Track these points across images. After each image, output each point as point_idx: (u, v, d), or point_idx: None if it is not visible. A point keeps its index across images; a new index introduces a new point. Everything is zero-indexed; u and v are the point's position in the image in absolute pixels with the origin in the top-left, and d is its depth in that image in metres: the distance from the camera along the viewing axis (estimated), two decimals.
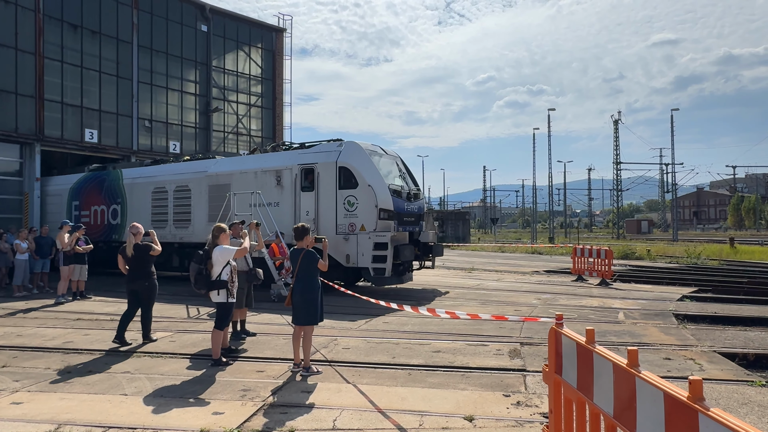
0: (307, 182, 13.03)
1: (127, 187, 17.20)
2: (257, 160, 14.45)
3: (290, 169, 13.37)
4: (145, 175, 16.92)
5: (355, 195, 12.28)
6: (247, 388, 5.48)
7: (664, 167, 58.08)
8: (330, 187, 12.63)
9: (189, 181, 15.56)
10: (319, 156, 13.04)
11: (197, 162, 16.12)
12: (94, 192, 18.18)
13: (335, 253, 12.16)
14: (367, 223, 12.07)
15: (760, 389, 5.35)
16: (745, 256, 25.86)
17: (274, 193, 13.57)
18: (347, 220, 12.34)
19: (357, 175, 12.31)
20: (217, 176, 14.87)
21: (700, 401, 2.08)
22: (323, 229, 12.59)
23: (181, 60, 27.84)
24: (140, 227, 7.96)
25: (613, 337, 7.71)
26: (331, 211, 12.57)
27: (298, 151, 13.76)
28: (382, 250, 11.75)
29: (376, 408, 4.85)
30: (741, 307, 10.65)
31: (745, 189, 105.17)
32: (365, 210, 12.13)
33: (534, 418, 4.58)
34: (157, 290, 7.99)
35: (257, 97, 32.29)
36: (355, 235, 12.13)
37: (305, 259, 6.08)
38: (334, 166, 12.62)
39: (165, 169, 16.72)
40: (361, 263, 12.04)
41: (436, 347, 7.15)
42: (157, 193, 16.29)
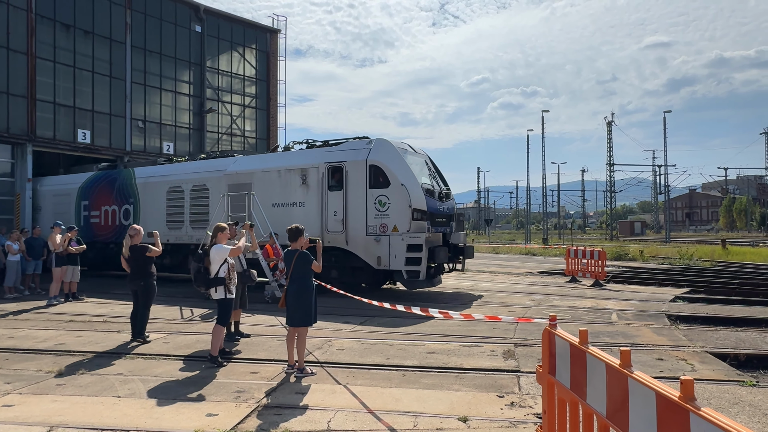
0: (334, 181, 12.52)
1: (140, 187, 16.63)
2: (280, 159, 13.97)
3: (316, 168, 12.83)
4: (160, 174, 16.38)
5: (386, 194, 11.78)
6: (241, 389, 5.47)
7: (656, 169, 58.54)
8: (359, 186, 12.11)
9: (207, 180, 15.00)
10: (348, 154, 12.51)
11: (215, 160, 15.60)
12: (104, 192, 17.63)
13: (365, 255, 11.87)
14: (399, 224, 11.61)
15: (751, 389, 5.40)
16: (737, 257, 26.06)
17: (299, 193, 13.11)
18: (378, 220, 11.85)
19: (389, 173, 11.80)
20: (237, 175, 14.32)
21: (692, 401, 2.10)
22: (352, 230, 12.18)
23: (174, 60, 27.75)
24: (139, 228, 8.15)
25: (607, 338, 7.75)
26: (361, 212, 12.05)
27: (325, 149, 13.23)
28: (416, 252, 11.30)
29: (370, 409, 4.85)
30: (732, 307, 10.74)
31: (736, 190, 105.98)
32: (398, 210, 11.66)
33: (528, 419, 4.60)
34: (154, 291, 8.06)
35: (251, 98, 32.23)
36: (387, 237, 11.67)
37: (299, 261, 6.08)
38: (364, 164, 12.10)
39: (180, 168, 16.15)
40: (393, 266, 11.58)
41: (430, 348, 7.16)
42: (172, 192, 15.73)
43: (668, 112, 51.41)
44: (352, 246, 12.10)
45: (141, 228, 8.21)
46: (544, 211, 59.14)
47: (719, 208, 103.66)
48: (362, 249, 11.94)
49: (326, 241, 12.32)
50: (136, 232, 8.05)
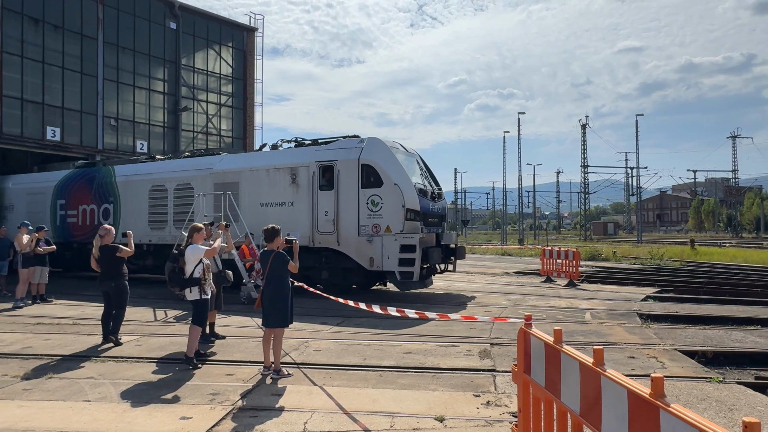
0: (324, 180, 12.26)
1: (120, 185, 16.03)
2: (269, 157, 13.66)
3: (307, 167, 12.55)
4: (142, 173, 15.84)
5: (379, 194, 11.60)
6: (216, 391, 5.39)
7: (629, 171, 59.79)
8: (351, 185, 11.90)
9: (192, 179, 14.52)
10: (339, 153, 12.27)
11: (200, 158, 15.20)
12: (82, 190, 16.93)
13: (357, 255, 11.68)
14: (393, 224, 11.44)
15: (718, 385, 5.56)
16: (705, 257, 26.80)
17: (288, 192, 12.82)
18: (371, 220, 11.65)
19: (382, 173, 11.63)
20: (224, 174, 13.95)
21: (662, 398, 2.15)
22: (344, 231, 11.98)
23: (149, 57, 27.25)
24: (110, 228, 8.02)
25: (581, 337, 7.88)
26: (353, 212, 11.84)
27: (315, 148, 12.92)
28: (409, 253, 11.13)
29: (346, 410, 4.83)
30: (701, 306, 11.03)
31: (704, 192, 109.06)
32: (391, 210, 11.48)
33: (503, 418, 4.65)
34: (127, 292, 7.95)
35: (227, 97, 31.85)
36: (380, 237, 11.47)
37: (275, 261, 6.03)
38: (356, 163, 11.89)
39: (164, 166, 15.66)
40: (386, 266, 11.39)
41: (407, 348, 7.17)
42: (155, 191, 15.21)
43: (640, 116, 52.65)
44: (344, 247, 11.92)
45: (112, 228, 8.10)
46: (519, 212, 59.89)
47: (689, 210, 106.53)
48: (354, 250, 11.75)
49: (317, 241, 12.18)
50: (106, 231, 7.92)
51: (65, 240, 16.90)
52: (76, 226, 16.88)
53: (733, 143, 70.07)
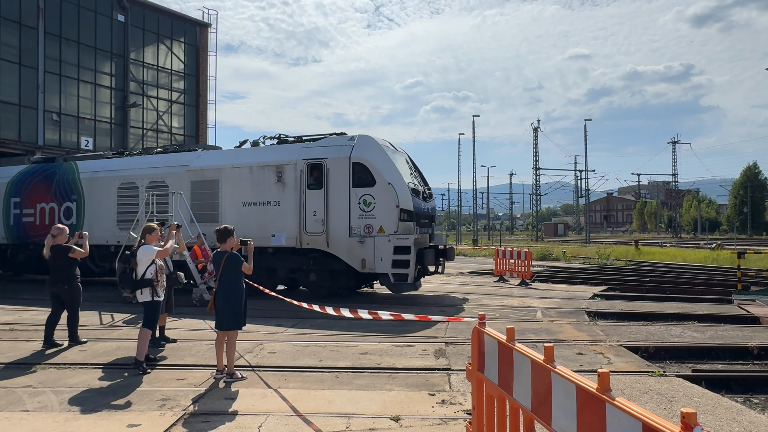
0: (313, 179, 11.77)
1: (84, 182, 14.86)
2: (252, 154, 12.94)
3: (294, 165, 11.98)
4: (109, 169, 14.75)
5: (372, 194, 11.20)
6: (166, 397, 5.22)
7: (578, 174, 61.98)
8: (342, 184, 11.45)
9: (166, 176, 13.59)
10: (329, 150, 11.79)
11: (175, 155, 14.30)
12: (40, 188, 15.62)
13: (348, 257, 11.30)
14: (386, 225, 11.07)
15: (659, 378, 5.84)
16: (648, 256, 28.11)
17: (273, 191, 12.17)
18: (363, 221, 11.25)
19: (374, 171, 11.23)
20: (203, 171, 13.13)
21: (607, 392, 2.24)
22: (334, 231, 11.47)
23: (94, 50, 26.15)
24: (63, 228, 7.75)
25: (532, 335, 8.10)
26: (344, 212, 11.40)
27: (302, 145, 12.36)
28: (404, 254, 10.83)
29: (302, 412, 4.79)
30: (644, 303, 11.56)
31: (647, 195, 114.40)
32: (384, 210, 11.11)
33: (458, 416, 4.72)
34: (80, 293, 7.68)
35: (179, 94, 30.96)
36: (373, 238, 11.09)
37: (228, 262, 5.91)
38: (347, 161, 11.43)
39: (134, 162, 14.64)
40: (379, 268, 11.02)
41: (363, 349, 7.18)
42: (125, 189, 14.18)
43: (589, 120, 54.72)
44: (334, 248, 11.49)
45: (65, 228, 7.82)
46: (474, 213, 61.01)
47: (633, 211, 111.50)
48: (345, 251, 11.35)
49: (305, 242, 11.75)
50: (59, 231, 7.66)
51: (20, 241, 15.70)
52: (32, 226, 15.56)
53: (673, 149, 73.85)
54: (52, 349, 7.22)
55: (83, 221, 14.69)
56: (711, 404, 5.01)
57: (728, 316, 9.96)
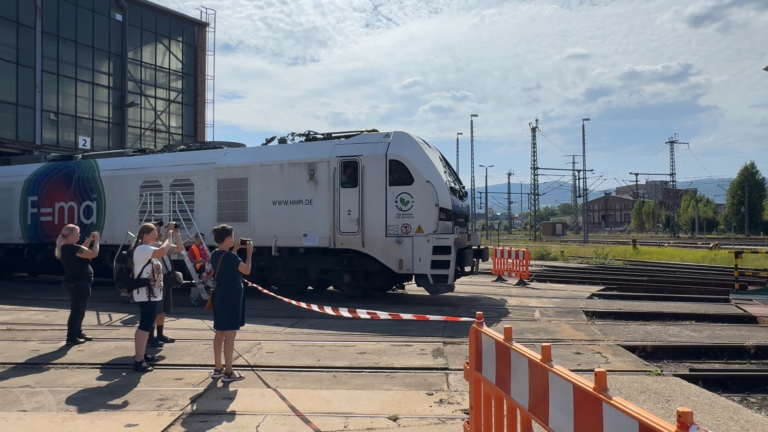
0: (347, 177, 11.44)
1: (105, 181, 14.43)
2: (282, 151, 12.56)
3: (327, 162, 11.62)
4: (131, 167, 14.35)
5: (410, 192, 10.89)
6: (164, 397, 5.22)
7: (576, 173, 62.06)
8: (378, 183, 11.13)
9: (191, 174, 13.24)
10: (364, 147, 11.45)
11: (201, 152, 13.88)
12: (59, 186, 15.17)
13: (384, 258, 11.02)
14: (425, 224, 10.77)
15: (656, 378, 5.85)
16: (645, 256, 28.15)
17: (305, 190, 11.83)
18: (400, 220, 10.93)
19: (412, 169, 10.92)
20: (230, 169, 12.79)
21: (604, 391, 2.24)
22: (370, 231, 11.19)
23: (92, 50, 26.10)
24: (74, 228, 7.87)
25: (530, 335, 8.11)
26: (380, 211, 11.07)
27: (335, 142, 12.02)
28: (443, 255, 10.55)
29: (300, 412, 4.79)
30: (641, 303, 11.58)
31: (645, 195, 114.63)
32: (423, 209, 10.81)
33: (456, 415, 4.72)
34: (85, 294, 7.72)
35: (177, 93, 30.93)
36: (410, 238, 10.79)
37: (225, 262, 5.91)
38: (383, 159, 11.12)
39: (157, 160, 14.24)
40: (417, 269, 10.72)
41: (361, 348, 7.18)
42: (147, 188, 13.69)
43: (587, 120, 54.77)
44: (369, 248, 11.17)
45: (76, 227, 7.94)
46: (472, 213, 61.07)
47: (631, 211, 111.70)
48: (381, 251, 11.04)
49: (338, 242, 11.45)
50: (69, 231, 7.76)
51: (37, 241, 15.29)
52: (51, 225, 15.00)
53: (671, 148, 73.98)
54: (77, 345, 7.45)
55: (104, 220, 14.31)
56: (708, 403, 5.03)
57: (725, 316, 9.99)
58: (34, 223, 15.47)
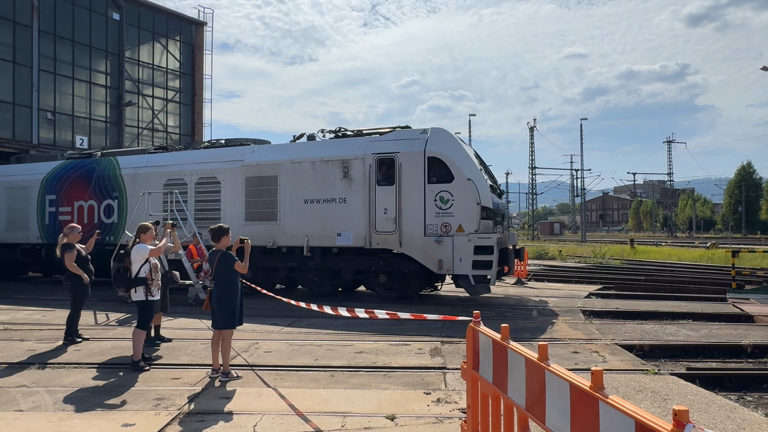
0: (383, 175, 11.12)
1: (127, 179, 14.11)
2: (314, 148, 12.22)
3: (362, 159, 11.32)
4: (154, 165, 14.04)
5: (450, 190, 10.60)
6: (161, 396, 5.21)
7: (574, 173, 62.10)
8: (416, 180, 10.84)
9: (218, 172, 12.95)
10: (401, 144, 11.16)
11: (227, 149, 13.55)
12: (78, 184, 14.83)
13: (423, 258, 10.74)
14: (466, 223, 10.45)
15: (654, 377, 5.86)
16: (643, 255, 28.20)
17: (339, 188, 11.52)
18: (440, 219, 10.63)
19: (452, 166, 10.64)
20: (259, 166, 12.45)
21: (601, 390, 2.25)
22: (408, 230, 10.89)
23: (89, 49, 26.03)
24: (75, 227, 7.91)
25: (527, 334, 8.12)
26: (418, 209, 10.79)
27: (370, 138, 11.69)
28: (485, 255, 10.24)
29: (297, 411, 4.79)
30: (639, 302, 11.60)
31: (643, 194, 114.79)
32: (464, 208, 10.50)
33: (453, 414, 4.73)
34: (81, 293, 7.70)
35: (175, 92, 30.87)
36: (451, 237, 10.50)
37: (221, 262, 5.90)
38: (421, 156, 10.84)
39: (181, 158, 13.93)
40: (458, 270, 10.42)
41: (359, 348, 7.18)
42: (171, 185, 13.38)
43: (584, 120, 54.85)
44: (407, 248, 10.89)
45: (77, 226, 7.97)
46: None
47: (629, 210, 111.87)
48: (419, 251, 10.76)
49: (374, 242, 11.16)
50: (70, 230, 7.81)
51: (55, 240, 15.15)
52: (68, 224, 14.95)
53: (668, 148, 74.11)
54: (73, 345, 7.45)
55: (125, 219, 13.87)
56: (705, 402, 5.04)
57: (723, 315, 10.01)
58: (53, 222, 15.14)
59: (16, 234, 15.65)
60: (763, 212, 69.80)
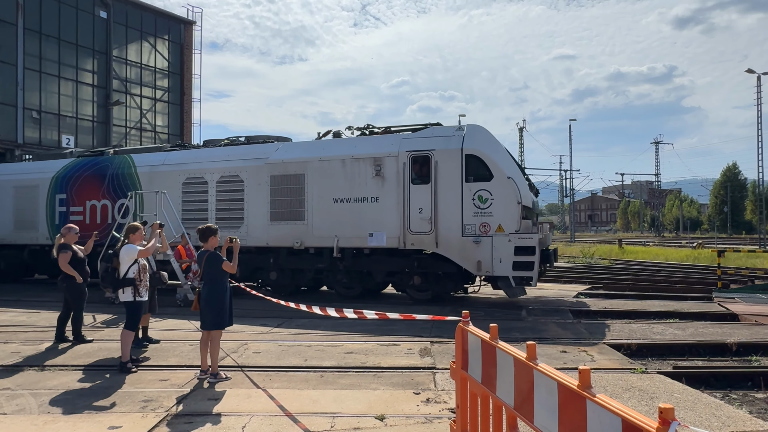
0: (417, 173, 10.81)
1: (143, 177, 13.58)
2: (343, 146, 11.82)
3: (395, 157, 10.97)
4: (171, 163, 13.53)
5: (488, 189, 10.31)
6: (149, 398, 5.16)
7: (563, 173, 62.52)
8: (453, 179, 10.51)
9: (242, 170, 12.48)
10: (436, 141, 10.83)
11: (250, 147, 13.08)
12: (90, 183, 14.26)
13: (461, 259, 10.45)
14: (505, 223, 10.18)
15: (641, 375, 5.91)
16: (631, 255, 28.47)
17: (371, 186, 11.15)
18: (478, 219, 10.33)
19: (491, 165, 10.35)
20: (285, 164, 12.02)
21: (588, 389, 2.26)
22: (444, 230, 10.56)
23: (76, 47, 25.75)
24: (71, 227, 7.79)
25: (517, 333, 8.15)
26: (455, 209, 10.47)
27: (402, 136, 11.38)
28: (527, 255, 9.98)
29: (286, 412, 4.77)
30: (627, 302, 11.71)
31: (631, 194, 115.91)
32: (503, 207, 10.22)
33: (442, 414, 4.73)
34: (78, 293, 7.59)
35: (163, 92, 30.64)
36: (490, 238, 10.21)
37: (208, 262, 5.86)
38: (458, 153, 10.52)
39: (201, 155, 13.41)
40: (497, 271, 10.18)
41: (348, 348, 7.17)
42: (191, 185, 12.98)
43: (573, 120, 55.18)
44: (444, 248, 10.58)
45: (75, 227, 7.85)
46: None
47: (617, 211, 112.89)
48: (457, 252, 10.46)
49: (408, 242, 10.84)
50: (68, 231, 7.70)
51: None
52: (82, 224, 13.49)
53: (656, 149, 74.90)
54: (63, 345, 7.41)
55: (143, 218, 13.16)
56: (691, 400, 5.09)
57: (708, 314, 10.13)
58: (63, 221, 14.19)
59: (24, 234, 15.17)
60: (748, 212, 70.76)
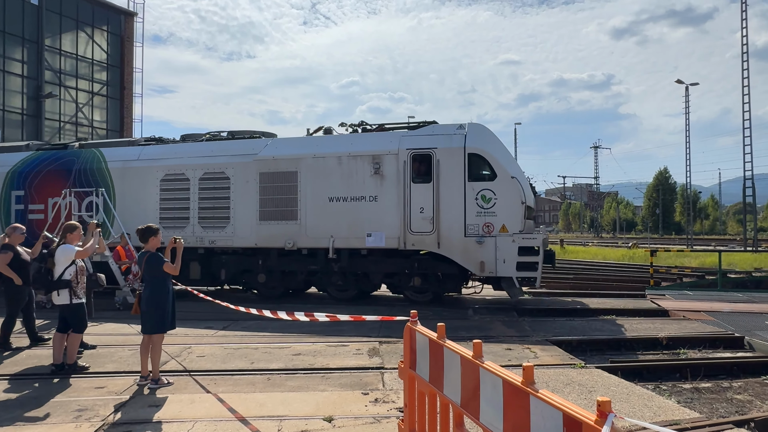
0: (417, 172, 10.58)
1: (115, 173, 12.62)
2: (340, 142, 11.39)
3: (395, 155, 10.69)
4: (148, 158, 12.58)
5: (492, 188, 10.16)
6: (83, 407, 4.90)
7: None
8: (455, 178, 10.33)
9: (227, 167, 11.82)
10: (438, 139, 10.59)
11: (237, 142, 12.34)
12: (52, 179, 13.09)
13: (463, 259, 10.26)
14: (509, 223, 10.07)
15: (581, 370, 6.16)
16: (572, 255, 29.62)
17: (369, 185, 10.81)
18: (481, 219, 10.17)
19: (495, 164, 10.21)
20: (276, 161, 11.51)
21: (531, 385, 2.33)
22: (446, 231, 10.34)
23: (3, 35, 24.13)
24: (17, 227, 7.38)
25: (464, 332, 8.31)
26: (458, 208, 10.28)
27: (402, 133, 11.08)
28: (531, 256, 9.92)
29: (232, 417, 4.65)
30: (568, 300, 12.17)
31: (572, 197, 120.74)
32: (507, 207, 10.10)
33: (391, 414, 4.75)
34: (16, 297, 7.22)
35: (102, 85, 29.22)
36: (493, 238, 10.07)
37: (148, 263, 5.63)
38: (460, 152, 10.32)
39: (181, 150, 12.58)
40: (501, 272, 10.05)
41: (296, 350, 7.08)
42: (170, 181, 12.20)
43: (518, 124, 56.93)
44: (446, 249, 10.38)
45: (21, 227, 7.44)
46: None
47: (559, 212, 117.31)
48: (459, 253, 10.28)
49: (409, 243, 10.59)
50: (12, 231, 7.29)
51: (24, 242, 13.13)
52: (42, 223, 12.70)
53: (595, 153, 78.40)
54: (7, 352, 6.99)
55: (113, 217, 12.43)
56: (626, 392, 5.35)
57: (642, 310, 10.70)
58: (21, 220, 12.95)
59: None
60: (677, 214, 75.23)
